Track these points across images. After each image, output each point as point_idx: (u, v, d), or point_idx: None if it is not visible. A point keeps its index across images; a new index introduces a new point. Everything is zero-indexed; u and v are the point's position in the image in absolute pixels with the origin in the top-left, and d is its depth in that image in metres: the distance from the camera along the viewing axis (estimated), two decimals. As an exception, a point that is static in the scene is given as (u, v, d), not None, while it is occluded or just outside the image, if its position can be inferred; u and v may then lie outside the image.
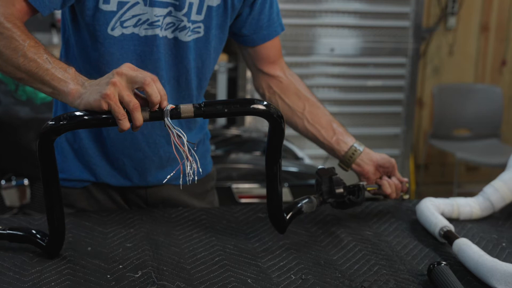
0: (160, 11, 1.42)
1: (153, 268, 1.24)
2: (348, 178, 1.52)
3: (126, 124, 1.13)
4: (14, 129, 2.67)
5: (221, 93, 3.94)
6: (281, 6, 4.31)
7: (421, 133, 4.80)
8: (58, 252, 1.28)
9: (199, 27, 1.47)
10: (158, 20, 1.42)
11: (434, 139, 4.53)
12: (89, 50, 1.46)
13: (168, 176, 1.26)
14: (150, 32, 1.43)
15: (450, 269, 1.19)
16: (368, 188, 1.54)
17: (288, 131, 4.11)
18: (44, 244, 1.27)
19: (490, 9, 4.70)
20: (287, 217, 1.36)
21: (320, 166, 1.48)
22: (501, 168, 1.58)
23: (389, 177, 1.61)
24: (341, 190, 1.43)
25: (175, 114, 1.16)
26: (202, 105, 1.16)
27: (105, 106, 1.12)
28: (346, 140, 1.60)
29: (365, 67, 4.28)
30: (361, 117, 4.32)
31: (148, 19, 1.42)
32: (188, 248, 1.34)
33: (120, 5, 1.40)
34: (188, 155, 1.16)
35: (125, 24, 1.41)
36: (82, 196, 1.60)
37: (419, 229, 1.46)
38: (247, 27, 1.56)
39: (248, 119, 4.05)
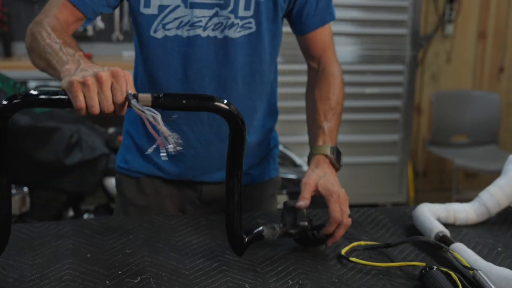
0: (202, 12, 1.47)
1: (152, 274, 1.25)
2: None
3: (83, 114, 1.11)
4: (14, 138, 2.69)
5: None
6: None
7: (420, 140, 4.81)
8: (1, 250, 1.23)
9: (250, 22, 1.50)
10: (200, 21, 1.47)
11: (432, 146, 4.54)
12: (141, 54, 1.55)
13: None
14: (192, 33, 1.48)
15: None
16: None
17: (287, 138, 4.07)
18: None
19: (487, 16, 4.72)
20: (246, 239, 1.30)
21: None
22: (500, 174, 1.59)
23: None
24: (306, 223, 1.33)
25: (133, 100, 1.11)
26: (161, 95, 1.13)
27: (69, 93, 1.11)
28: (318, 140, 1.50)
29: (363, 75, 4.29)
30: (359, 124, 4.33)
31: (189, 21, 1.48)
32: (187, 254, 1.35)
33: (161, 8, 1.47)
34: (165, 130, 1.10)
35: (167, 27, 1.48)
36: (133, 186, 1.67)
37: (415, 234, 1.48)
38: (296, 15, 1.58)
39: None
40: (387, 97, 4.35)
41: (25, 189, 2.82)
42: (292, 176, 2.87)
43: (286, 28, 1.64)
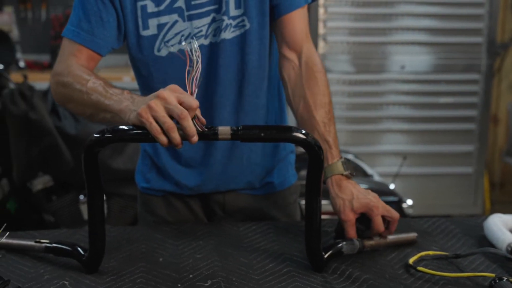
0: (201, 22, 1.48)
1: (222, 278, 1.28)
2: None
3: (162, 139, 1.17)
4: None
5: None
6: (353, 24, 4.26)
7: (496, 151, 4.70)
8: (96, 268, 1.30)
9: (243, 20, 1.49)
10: (201, 30, 1.48)
11: (509, 157, 4.43)
12: (146, 77, 1.54)
13: None
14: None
15: (517, 284, 1.19)
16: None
17: (358, 149, 4.07)
18: (84, 259, 1.30)
19: None
20: (325, 256, 1.33)
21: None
22: None
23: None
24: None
25: (212, 135, 1.19)
26: (240, 128, 1.19)
27: (141, 124, 1.18)
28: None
29: (437, 84, 4.24)
30: (433, 134, 4.28)
31: (190, 33, 1.48)
32: (256, 259, 1.38)
33: (160, 27, 1.47)
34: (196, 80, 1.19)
35: (169, 43, 1.49)
36: (162, 203, 1.69)
37: (486, 245, 1.45)
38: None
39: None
40: (461, 107, 4.29)
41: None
42: (363, 186, 2.85)
43: (355, 38, 1.63)
